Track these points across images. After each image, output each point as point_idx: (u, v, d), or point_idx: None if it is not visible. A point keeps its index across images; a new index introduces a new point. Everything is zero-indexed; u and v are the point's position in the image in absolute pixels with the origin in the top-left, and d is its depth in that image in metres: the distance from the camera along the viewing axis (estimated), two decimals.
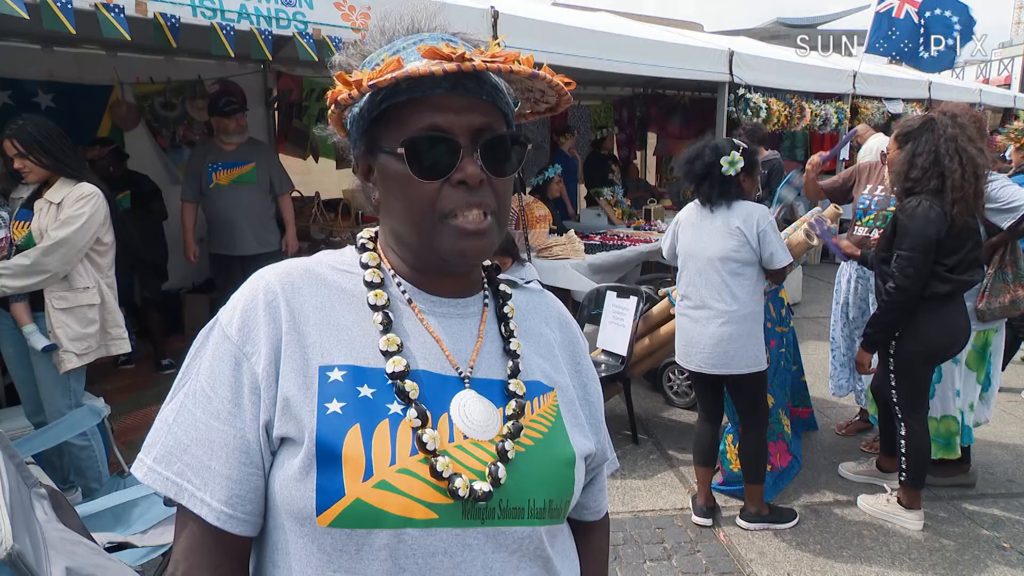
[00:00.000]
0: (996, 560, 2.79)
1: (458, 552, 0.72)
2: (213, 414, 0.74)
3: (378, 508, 0.69)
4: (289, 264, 0.83)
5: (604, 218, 6.82)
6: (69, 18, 2.54)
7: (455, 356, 0.81)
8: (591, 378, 0.95)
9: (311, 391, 0.73)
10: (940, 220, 2.67)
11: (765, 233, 2.78)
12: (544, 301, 0.96)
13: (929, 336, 2.82)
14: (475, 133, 0.76)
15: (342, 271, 0.83)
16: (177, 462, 0.73)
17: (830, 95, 7.69)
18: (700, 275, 2.89)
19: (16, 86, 4.94)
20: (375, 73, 0.72)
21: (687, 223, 3.00)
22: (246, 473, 0.73)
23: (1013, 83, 21.88)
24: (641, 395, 4.51)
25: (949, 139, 2.69)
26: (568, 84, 0.81)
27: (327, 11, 3.34)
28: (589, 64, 4.87)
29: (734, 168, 2.79)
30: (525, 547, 0.77)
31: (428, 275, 0.83)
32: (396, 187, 0.78)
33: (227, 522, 0.73)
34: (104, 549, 1.71)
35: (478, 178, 0.75)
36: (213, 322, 0.79)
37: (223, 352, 0.75)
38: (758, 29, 18.75)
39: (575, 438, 0.85)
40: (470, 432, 0.76)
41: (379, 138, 0.78)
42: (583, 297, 4.49)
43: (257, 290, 0.78)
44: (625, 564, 2.78)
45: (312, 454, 0.70)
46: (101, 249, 3.03)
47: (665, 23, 10.13)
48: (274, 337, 0.75)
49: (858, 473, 3.44)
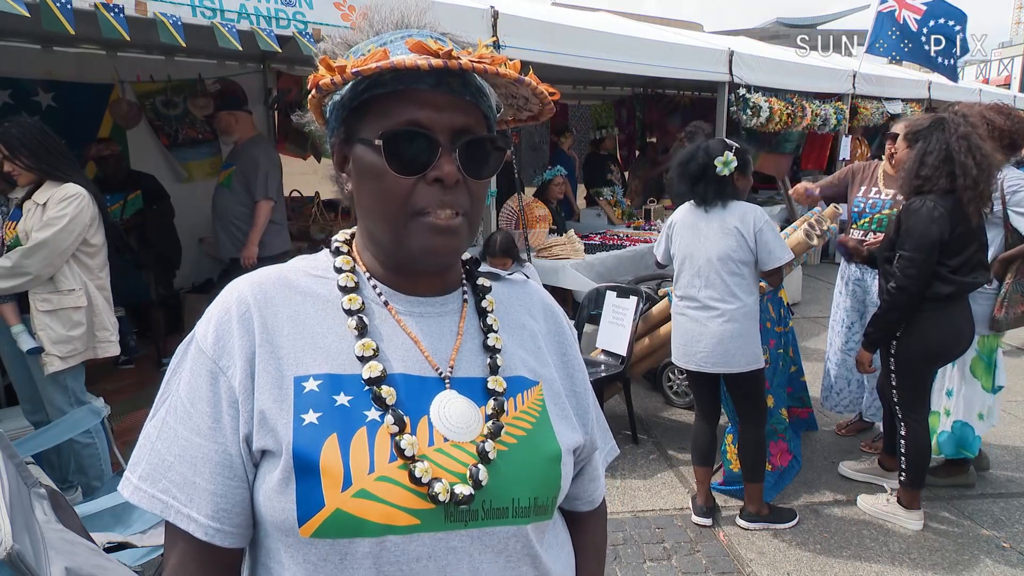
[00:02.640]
0: (996, 560, 2.79)
1: (443, 556, 0.72)
2: (194, 430, 0.73)
3: (358, 517, 0.69)
4: (262, 273, 0.82)
5: (604, 218, 6.83)
6: (68, 18, 2.54)
7: (434, 356, 0.80)
8: (578, 368, 0.93)
9: (286, 403, 0.73)
10: (943, 221, 2.66)
11: (762, 232, 2.79)
12: (527, 291, 0.94)
13: (932, 337, 2.82)
14: (455, 132, 0.75)
15: (316, 276, 0.82)
16: (162, 479, 0.73)
17: (830, 95, 7.69)
18: (699, 276, 2.89)
19: (16, 85, 4.94)
20: (360, 61, 0.72)
21: (682, 225, 3.00)
22: (231, 487, 0.73)
23: (1013, 83, 21.90)
24: (641, 395, 4.51)
25: (962, 137, 2.68)
26: (552, 94, 0.80)
27: (327, 11, 3.34)
28: (589, 64, 4.87)
29: (728, 168, 2.81)
30: (512, 546, 0.77)
31: (403, 275, 0.82)
32: (370, 179, 0.76)
33: (215, 536, 0.73)
34: (104, 549, 1.71)
35: (454, 177, 0.74)
36: (190, 337, 0.79)
37: (200, 367, 0.75)
38: (758, 29, 18.78)
39: (561, 432, 0.84)
40: (450, 434, 0.75)
41: (358, 128, 0.77)
42: (583, 297, 4.48)
43: (230, 303, 0.78)
44: (625, 564, 2.78)
45: (290, 466, 0.70)
46: (90, 251, 2.98)
47: (665, 23, 10.14)
48: (248, 350, 0.75)
49: (859, 471, 3.44)
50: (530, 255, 4.75)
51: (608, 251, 5.29)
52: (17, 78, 4.93)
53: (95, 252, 3.00)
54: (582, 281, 4.71)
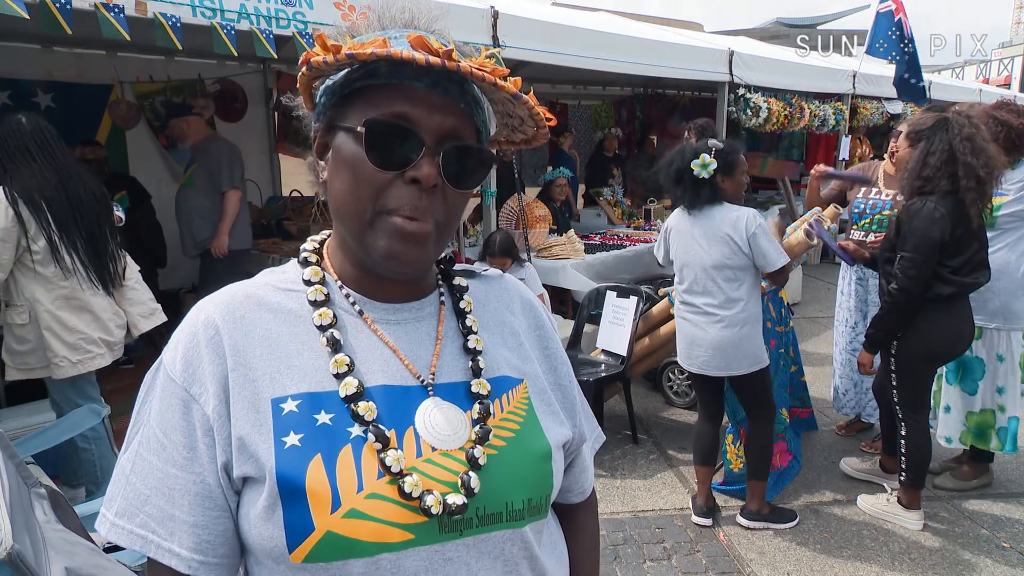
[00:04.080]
0: (996, 560, 2.79)
1: (440, 568, 0.71)
2: (169, 461, 0.71)
3: (351, 538, 0.67)
4: (228, 292, 0.78)
5: (604, 218, 6.83)
6: (67, 19, 2.54)
7: (414, 364, 0.77)
8: (561, 360, 0.91)
9: (265, 427, 0.70)
10: (944, 222, 2.66)
11: (755, 237, 2.74)
12: (504, 287, 0.92)
13: (932, 337, 2.82)
14: (443, 136, 0.71)
15: (285, 290, 0.79)
16: (139, 514, 0.70)
17: (830, 95, 7.69)
18: (696, 282, 2.88)
19: (15, 86, 4.94)
20: (357, 45, 0.69)
21: (677, 230, 2.98)
22: (212, 518, 0.71)
23: (1013, 83, 21.91)
24: (641, 395, 4.51)
25: (966, 139, 2.66)
26: (549, 120, 0.77)
27: (327, 11, 3.34)
28: (589, 64, 4.87)
29: (706, 171, 2.76)
30: (508, 550, 0.75)
31: (376, 279, 0.79)
32: (346, 169, 0.72)
33: (199, 569, 0.70)
34: (104, 549, 1.71)
35: (433, 180, 0.70)
36: (158, 363, 0.76)
37: (170, 395, 0.72)
38: (758, 29, 18.78)
39: (549, 428, 0.82)
40: (438, 443, 0.73)
41: (344, 115, 0.73)
42: (583, 297, 4.49)
43: (196, 326, 0.74)
44: (625, 564, 2.78)
45: (275, 492, 0.67)
46: (37, 257, 2.71)
47: (665, 23, 10.13)
48: (220, 375, 0.71)
49: (860, 470, 3.44)
50: (530, 255, 4.75)
51: (608, 251, 5.28)
52: (17, 79, 4.93)
53: (44, 258, 2.73)
54: (582, 281, 4.71)
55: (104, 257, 2.96)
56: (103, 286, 2.95)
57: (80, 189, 2.85)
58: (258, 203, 6.03)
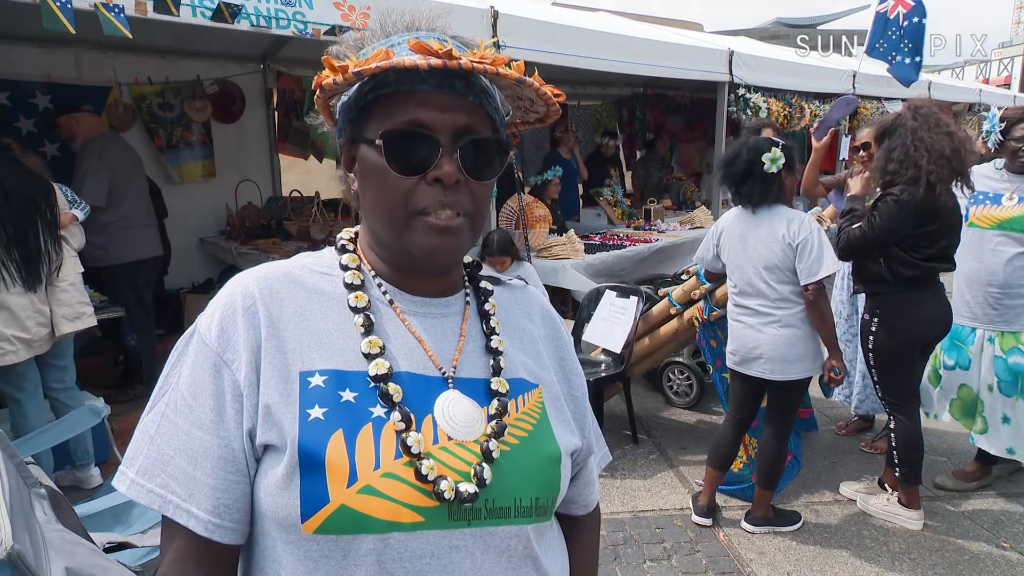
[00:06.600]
0: (996, 560, 2.79)
1: (445, 554, 0.72)
2: (196, 423, 0.73)
3: (364, 513, 0.69)
4: (267, 268, 0.82)
5: (604, 218, 6.82)
6: (69, 18, 2.53)
7: (438, 356, 0.80)
8: (576, 372, 0.95)
9: (292, 398, 0.72)
10: (912, 205, 2.71)
11: (805, 242, 2.68)
12: (527, 297, 0.96)
13: (904, 327, 2.86)
14: (457, 133, 0.75)
15: (321, 273, 0.82)
16: (161, 474, 0.72)
17: (830, 95, 7.68)
18: (750, 285, 2.83)
19: (15, 87, 4.94)
20: (362, 62, 0.73)
21: (729, 235, 2.92)
22: (232, 482, 0.73)
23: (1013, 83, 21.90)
24: (641, 395, 4.51)
25: (910, 131, 2.74)
26: (557, 96, 0.80)
27: (327, 11, 3.34)
28: (589, 64, 4.87)
29: (776, 165, 2.72)
30: (513, 546, 0.77)
31: (408, 275, 0.83)
32: (373, 179, 0.77)
33: (215, 532, 0.72)
34: (104, 549, 1.71)
35: (454, 177, 0.74)
36: (192, 329, 0.78)
37: (203, 360, 0.74)
38: (758, 29, 18.77)
39: (560, 434, 0.84)
40: (454, 433, 0.75)
41: (363, 129, 0.78)
42: (583, 297, 4.48)
43: (235, 295, 0.77)
44: (625, 564, 2.78)
45: (295, 461, 0.70)
46: None
47: (665, 23, 10.14)
48: (254, 343, 0.74)
49: (858, 492, 3.41)
50: (530, 255, 4.74)
51: (608, 251, 5.28)
52: (16, 80, 4.92)
53: None
54: (582, 281, 4.70)
55: (33, 254, 2.96)
56: (25, 284, 2.94)
57: (12, 185, 2.86)
58: (258, 203, 6.02)
